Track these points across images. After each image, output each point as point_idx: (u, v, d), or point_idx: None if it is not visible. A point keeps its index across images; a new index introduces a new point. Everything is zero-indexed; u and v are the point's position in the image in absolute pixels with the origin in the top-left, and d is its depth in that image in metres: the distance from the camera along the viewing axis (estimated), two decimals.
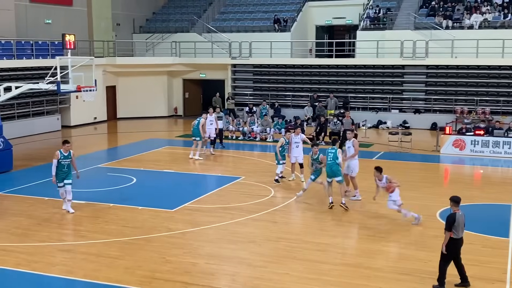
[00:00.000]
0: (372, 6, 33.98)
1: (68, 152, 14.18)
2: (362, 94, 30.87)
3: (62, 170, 14.14)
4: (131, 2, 37.66)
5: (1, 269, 10.82)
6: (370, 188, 17.05)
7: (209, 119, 22.04)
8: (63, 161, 14.09)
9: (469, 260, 11.17)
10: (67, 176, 14.23)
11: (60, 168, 14.09)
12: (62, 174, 14.16)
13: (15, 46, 26.59)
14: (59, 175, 14.11)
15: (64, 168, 14.15)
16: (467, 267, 10.06)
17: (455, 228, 9.67)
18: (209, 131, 22.01)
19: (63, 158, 14.08)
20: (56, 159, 13.99)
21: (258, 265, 10.98)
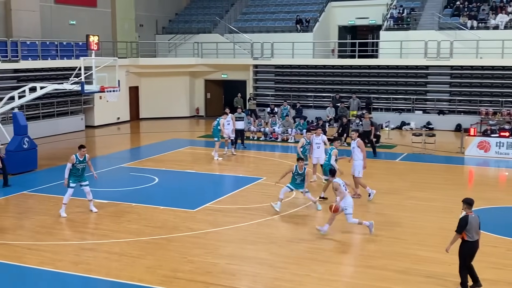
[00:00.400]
0: (396, 6, 33.70)
1: (84, 157, 14.30)
2: (385, 94, 30.63)
3: (77, 174, 14.26)
4: (154, 3, 37.92)
5: (25, 267, 10.96)
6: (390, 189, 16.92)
7: (226, 120, 22.09)
8: (78, 166, 14.21)
9: (493, 263, 11.02)
10: (82, 179, 14.35)
11: (74, 171, 14.20)
12: (77, 177, 14.28)
13: (40, 47, 26.93)
14: (72, 177, 14.22)
15: (79, 172, 14.26)
16: (491, 270, 9.93)
17: (468, 231, 9.54)
18: (227, 132, 22.07)
19: (78, 163, 14.20)
20: (71, 163, 14.10)
21: (279, 266, 10.95)
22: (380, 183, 17.92)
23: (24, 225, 13.65)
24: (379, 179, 18.57)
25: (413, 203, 15.53)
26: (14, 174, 18.66)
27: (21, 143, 19.06)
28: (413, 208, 15.08)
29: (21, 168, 19.01)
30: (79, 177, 14.27)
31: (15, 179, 18.22)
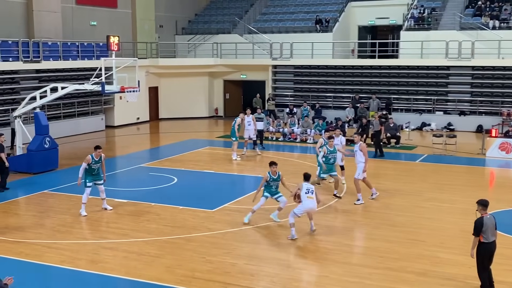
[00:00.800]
0: (417, 6, 33.43)
1: (99, 157, 14.45)
2: (405, 95, 30.39)
3: (92, 173, 14.42)
4: (174, 4, 38.10)
5: (45, 266, 11.07)
6: (410, 191, 16.78)
7: (246, 120, 22.06)
8: (93, 166, 14.36)
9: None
10: (97, 177, 14.49)
11: (90, 171, 14.36)
12: (92, 176, 14.45)
13: (61, 48, 27.20)
14: (89, 176, 14.38)
15: (94, 171, 14.42)
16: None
17: (484, 232, 9.42)
18: (248, 132, 22.03)
19: (93, 163, 14.35)
20: (87, 163, 14.25)
21: (298, 267, 10.92)
22: (400, 184, 17.79)
23: (44, 224, 13.79)
24: (399, 180, 18.44)
25: (434, 205, 15.38)
26: (36, 173, 18.89)
27: (43, 143, 19.27)
28: (433, 210, 14.93)
29: (42, 167, 19.23)
30: (94, 176, 14.42)
31: (36, 178, 18.45)
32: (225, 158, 21.82)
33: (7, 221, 13.85)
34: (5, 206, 15.18)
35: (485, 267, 9.60)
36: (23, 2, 27.60)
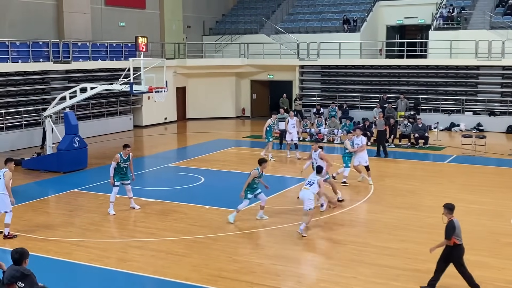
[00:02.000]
0: (446, 5, 33.01)
1: (128, 156, 14.58)
2: (434, 95, 30.04)
3: (121, 172, 14.55)
4: (201, 4, 38.30)
5: (75, 264, 11.23)
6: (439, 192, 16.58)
7: (290, 123, 21.72)
8: (122, 164, 14.50)
9: None
10: (124, 177, 14.63)
11: (118, 170, 14.51)
12: (120, 175, 14.58)
13: (90, 48, 27.58)
14: (117, 176, 14.52)
15: (123, 170, 14.56)
16: None
17: (457, 234, 9.44)
18: (291, 136, 21.68)
19: (122, 162, 14.49)
20: (116, 162, 14.41)
21: (325, 268, 10.88)
22: (429, 185, 17.59)
23: (73, 222, 13.99)
24: (427, 181, 18.23)
25: (462, 206, 15.14)
26: (65, 172, 19.18)
27: (72, 142, 19.55)
28: (462, 211, 14.69)
29: (72, 166, 19.51)
30: (122, 176, 14.57)
31: (66, 177, 18.73)
32: (252, 158, 21.81)
33: (37, 220, 14.09)
34: (35, 205, 15.45)
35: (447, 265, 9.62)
36: (53, 3, 28.05)
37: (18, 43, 24.25)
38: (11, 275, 6.88)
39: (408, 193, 16.44)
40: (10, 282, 6.80)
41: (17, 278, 6.87)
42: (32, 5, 27.03)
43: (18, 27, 26.28)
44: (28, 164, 19.98)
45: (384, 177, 18.42)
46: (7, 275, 6.90)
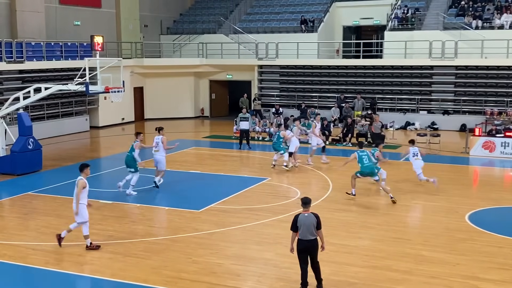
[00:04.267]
0: (400, 6, 33.64)
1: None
2: (389, 95, 30.57)
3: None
4: (158, 3, 37.97)
5: (30, 268, 10.99)
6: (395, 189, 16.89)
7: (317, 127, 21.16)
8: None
9: (499, 263, 10.99)
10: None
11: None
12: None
13: (44, 48, 27.00)
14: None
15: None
16: (496, 271, 9.85)
17: (299, 228, 9.60)
18: (316, 140, 20.84)
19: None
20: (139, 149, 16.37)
21: (285, 267, 10.94)
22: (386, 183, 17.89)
23: (29, 226, 13.69)
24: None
25: (418, 203, 15.51)
26: (19, 175, 18.73)
27: (26, 144, 19.11)
28: (417, 208, 15.05)
29: (26, 168, 19.07)
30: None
31: (20, 180, 18.29)
32: (211, 158, 21.79)
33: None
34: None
35: (300, 260, 9.69)
36: (6, 2, 27.34)
37: None
38: None
39: (365, 191, 16.68)
40: None
41: None
42: None
43: None
44: None
45: (342, 176, 18.63)
46: None
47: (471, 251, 11.75)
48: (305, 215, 9.61)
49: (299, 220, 9.58)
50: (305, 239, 9.55)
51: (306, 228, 9.53)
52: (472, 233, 12.94)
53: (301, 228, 9.55)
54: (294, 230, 9.65)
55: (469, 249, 11.85)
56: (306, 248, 9.58)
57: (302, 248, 9.60)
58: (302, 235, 9.56)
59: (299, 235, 9.59)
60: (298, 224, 9.57)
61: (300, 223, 9.56)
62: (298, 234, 9.60)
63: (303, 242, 9.57)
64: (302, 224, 9.54)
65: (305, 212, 9.66)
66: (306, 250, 9.60)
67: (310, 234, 9.54)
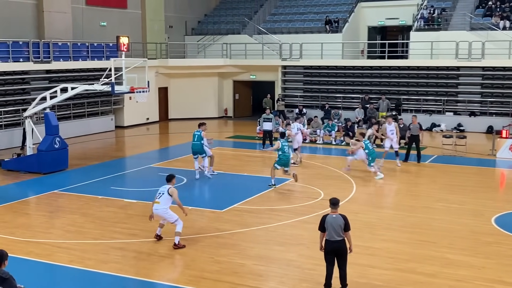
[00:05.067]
0: (427, 6, 33.29)
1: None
2: (415, 96, 30.28)
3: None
4: (183, 4, 38.16)
5: (55, 265, 11.13)
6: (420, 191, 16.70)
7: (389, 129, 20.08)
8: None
9: None
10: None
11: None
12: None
13: (71, 48, 27.34)
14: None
15: None
16: None
17: (326, 229, 9.50)
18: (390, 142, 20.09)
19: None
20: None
21: (308, 268, 10.90)
22: (410, 185, 17.73)
23: (54, 224, 13.86)
24: (408, 181, 18.38)
25: (443, 206, 15.31)
26: (46, 173, 18.99)
27: (53, 143, 19.36)
28: (443, 211, 14.85)
29: (53, 167, 19.32)
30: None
31: (46, 178, 18.55)
32: (234, 159, 21.83)
33: (17, 221, 13.93)
34: (15, 206, 15.27)
35: (327, 262, 9.62)
36: (33, 3, 27.75)
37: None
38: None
39: (389, 193, 16.55)
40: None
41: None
42: (12, 5, 26.70)
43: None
44: (8, 165, 19.75)
45: (366, 177, 18.52)
46: None
47: (497, 254, 11.57)
48: (333, 216, 9.54)
49: (326, 221, 9.51)
50: (332, 240, 9.49)
51: (334, 229, 9.46)
52: (498, 236, 12.74)
53: (328, 229, 9.48)
54: (322, 231, 9.60)
55: (495, 253, 11.67)
56: (332, 249, 9.52)
57: (329, 249, 9.54)
58: (329, 236, 9.50)
59: (326, 236, 9.53)
60: (325, 225, 9.51)
61: (328, 224, 9.49)
62: (325, 235, 9.55)
63: (330, 243, 9.51)
64: (329, 225, 9.48)
65: (333, 213, 9.59)
66: (332, 251, 9.54)
67: (337, 235, 9.47)
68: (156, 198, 12.15)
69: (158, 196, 12.14)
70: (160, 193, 12.16)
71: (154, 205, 12.12)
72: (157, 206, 12.05)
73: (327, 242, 9.54)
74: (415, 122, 21.26)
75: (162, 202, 12.04)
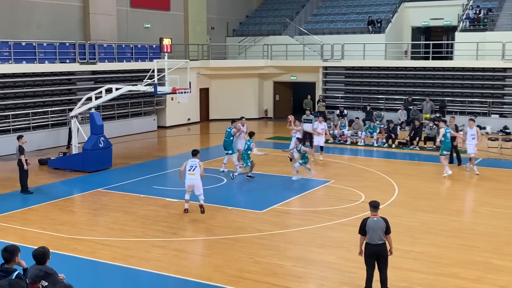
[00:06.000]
0: (472, 6, 32.59)
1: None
2: (460, 97, 29.69)
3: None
4: (225, 6, 38.41)
5: (98, 262, 11.36)
6: (465, 195, 16.36)
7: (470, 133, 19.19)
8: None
9: None
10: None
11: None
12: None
13: (116, 50, 27.87)
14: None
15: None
16: None
17: (367, 232, 9.36)
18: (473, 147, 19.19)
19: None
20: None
21: (347, 271, 10.82)
22: (454, 189, 17.41)
23: (98, 221, 14.16)
24: (452, 184, 18.04)
25: (488, 210, 14.97)
26: (90, 172, 19.41)
27: (97, 142, 19.77)
28: (487, 215, 14.52)
29: (97, 166, 19.73)
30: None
31: (91, 177, 18.95)
32: (274, 159, 21.84)
33: (62, 218, 14.28)
34: (60, 204, 15.66)
35: (367, 265, 9.51)
36: (79, 5, 28.40)
37: (45, 44, 24.61)
38: (34, 274, 6.98)
39: (432, 196, 16.28)
40: (34, 282, 6.90)
41: (40, 277, 6.96)
42: (59, 7, 27.39)
43: (45, 28, 26.66)
44: (54, 163, 20.27)
45: (408, 180, 18.26)
46: (30, 275, 6.99)
47: None
48: (374, 219, 9.44)
49: (367, 224, 9.42)
50: (373, 243, 9.39)
51: (375, 232, 9.36)
52: None
53: (369, 232, 9.39)
54: (362, 234, 9.50)
55: None
56: (373, 252, 9.43)
57: (370, 252, 9.46)
58: (370, 239, 9.41)
59: (367, 239, 9.44)
60: (366, 228, 9.42)
61: (369, 227, 9.39)
62: (366, 238, 9.46)
63: (370, 246, 9.42)
64: (370, 228, 9.38)
65: (374, 216, 9.49)
66: (373, 254, 9.45)
67: (378, 238, 9.37)
68: (190, 170, 14.11)
69: (191, 169, 14.13)
70: (193, 166, 14.16)
71: (190, 176, 14.12)
72: (193, 177, 14.10)
73: (368, 246, 9.45)
74: (453, 123, 20.89)
75: (196, 173, 14.11)
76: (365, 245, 9.51)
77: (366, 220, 9.47)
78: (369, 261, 9.51)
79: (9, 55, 22.93)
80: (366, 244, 9.48)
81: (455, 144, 20.42)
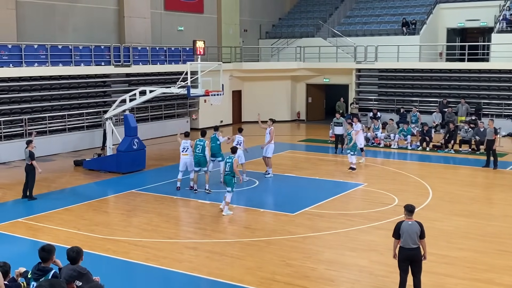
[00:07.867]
0: (509, 7, 31.93)
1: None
2: (496, 100, 29.10)
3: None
4: (258, 8, 38.48)
5: (132, 263, 11.48)
6: (501, 199, 16.02)
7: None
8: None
9: None
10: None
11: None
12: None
13: (150, 52, 28.18)
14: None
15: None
16: None
17: (401, 236, 9.21)
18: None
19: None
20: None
21: (380, 275, 10.70)
22: (489, 193, 17.07)
23: (132, 222, 14.31)
24: (488, 188, 17.69)
25: None
26: (124, 173, 19.65)
27: (131, 144, 20.01)
28: None
29: (131, 167, 19.95)
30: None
31: (125, 178, 19.18)
32: (306, 162, 21.75)
33: (97, 219, 14.49)
34: (94, 204, 15.89)
35: (401, 270, 9.36)
36: (115, 8, 28.83)
37: (81, 48, 25.04)
38: (68, 274, 7.07)
39: (468, 200, 15.98)
40: (68, 282, 6.99)
41: (74, 277, 7.06)
42: (95, 10, 27.86)
43: (81, 32, 27.14)
44: (89, 164, 20.58)
45: (443, 184, 17.98)
46: (65, 275, 7.08)
47: None
48: (408, 223, 9.31)
49: (402, 228, 9.30)
50: (407, 248, 9.27)
51: (409, 236, 9.24)
52: None
53: (404, 236, 9.27)
54: (396, 238, 9.39)
55: None
56: (407, 257, 9.31)
57: (404, 256, 9.33)
58: (404, 243, 9.29)
59: (401, 243, 9.32)
60: (400, 232, 9.30)
61: (403, 230, 9.27)
62: (400, 242, 9.35)
63: (404, 250, 9.30)
64: (405, 232, 9.26)
65: (408, 220, 9.36)
66: (407, 259, 9.32)
67: (412, 242, 9.24)
68: (183, 151, 16.33)
69: (184, 150, 16.43)
70: (185, 147, 16.03)
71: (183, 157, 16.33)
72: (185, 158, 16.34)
73: (402, 250, 9.33)
74: (491, 126, 20.49)
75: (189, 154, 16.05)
76: (399, 249, 9.38)
77: (401, 224, 9.35)
78: (403, 265, 9.38)
79: (46, 58, 23.40)
80: (400, 248, 9.36)
81: (494, 148, 20.06)
